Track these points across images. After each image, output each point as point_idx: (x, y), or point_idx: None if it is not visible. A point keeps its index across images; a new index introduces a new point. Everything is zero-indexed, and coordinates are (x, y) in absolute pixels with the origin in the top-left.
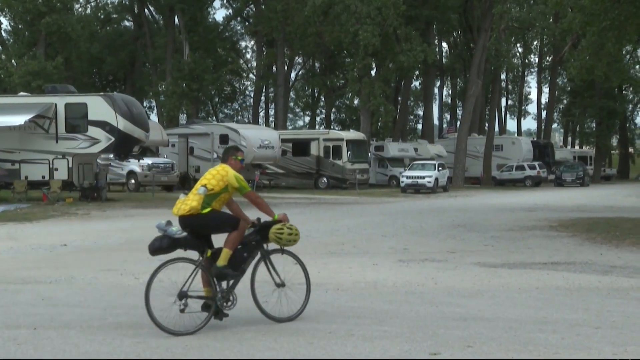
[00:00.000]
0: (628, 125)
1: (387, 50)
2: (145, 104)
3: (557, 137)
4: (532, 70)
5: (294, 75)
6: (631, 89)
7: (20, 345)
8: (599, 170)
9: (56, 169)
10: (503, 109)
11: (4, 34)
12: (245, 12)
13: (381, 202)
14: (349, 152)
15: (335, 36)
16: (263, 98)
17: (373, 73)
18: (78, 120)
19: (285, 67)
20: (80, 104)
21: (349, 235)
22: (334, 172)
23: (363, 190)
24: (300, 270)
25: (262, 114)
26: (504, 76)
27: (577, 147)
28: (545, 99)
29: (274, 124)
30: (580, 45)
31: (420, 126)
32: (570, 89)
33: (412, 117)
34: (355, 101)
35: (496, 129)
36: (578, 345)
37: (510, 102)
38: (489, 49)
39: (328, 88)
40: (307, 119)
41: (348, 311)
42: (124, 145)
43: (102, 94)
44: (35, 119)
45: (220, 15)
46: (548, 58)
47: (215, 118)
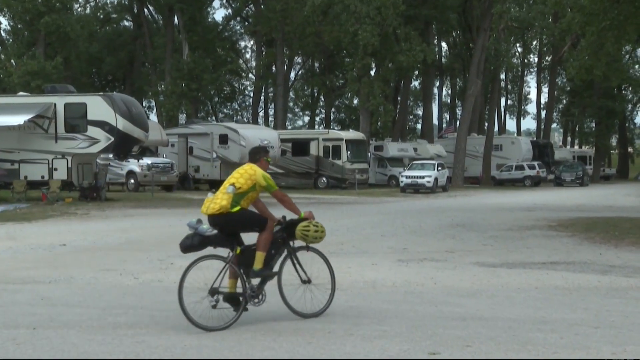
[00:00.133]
0: (627, 125)
1: (387, 50)
2: (144, 104)
3: (557, 137)
4: (532, 70)
5: (293, 75)
6: (630, 89)
7: (19, 345)
8: (598, 170)
9: (55, 169)
10: (502, 109)
11: (3, 33)
12: (245, 12)
13: (380, 202)
14: (349, 152)
15: (335, 36)
16: (262, 98)
17: (372, 73)
18: (77, 120)
19: (285, 67)
20: (79, 104)
21: (348, 235)
22: (333, 172)
23: (362, 190)
24: (325, 268)
25: (262, 113)
26: (503, 76)
27: (577, 147)
28: (544, 98)
29: (273, 124)
30: (580, 45)
31: (419, 126)
32: (569, 88)
33: (412, 117)
34: (355, 101)
35: (495, 128)
36: (577, 345)
37: (509, 102)
38: (489, 49)
39: (327, 88)
40: (307, 119)
41: (347, 311)
42: (123, 145)
43: (102, 93)
44: (34, 118)
45: (219, 15)
46: (547, 58)
47: (214, 118)
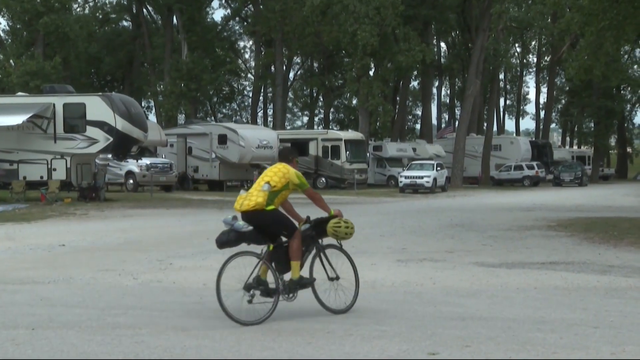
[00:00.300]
0: (626, 125)
1: (386, 50)
2: (143, 104)
3: (556, 137)
4: (531, 70)
5: (292, 75)
6: (629, 89)
7: (18, 346)
8: (597, 170)
9: (54, 169)
10: (501, 109)
11: (2, 33)
12: (244, 12)
13: (379, 202)
14: (348, 152)
15: (334, 36)
16: (261, 98)
17: (371, 73)
18: (76, 120)
19: (284, 67)
20: (78, 104)
21: None
22: (332, 172)
23: (361, 190)
24: (348, 265)
25: (261, 113)
26: (502, 76)
27: (576, 147)
28: (543, 98)
29: (272, 124)
30: (579, 45)
31: (418, 126)
32: (568, 88)
33: (411, 117)
34: (354, 101)
35: (494, 128)
36: (576, 345)
37: (508, 102)
38: (487, 49)
39: (326, 88)
40: (306, 119)
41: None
42: (122, 146)
43: (101, 94)
44: (33, 119)
45: (218, 15)
46: (546, 58)
47: (213, 118)
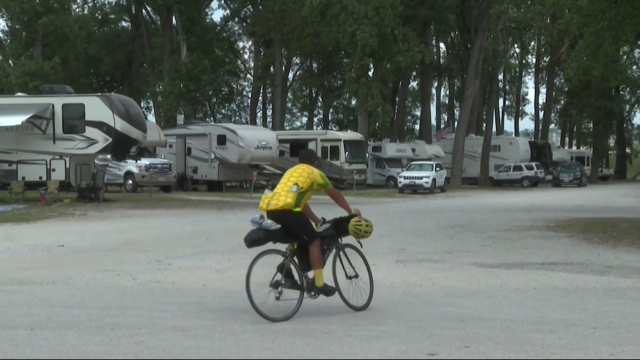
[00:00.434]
0: (625, 125)
1: (385, 51)
2: (142, 105)
3: (555, 138)
4: (530, 70)
5: (291, 75)
6: (628, 90)
7: (17, 346)
8: (596, 171)
9: (53, 170)
10: (500, 110)
11: (1, 34)
12: (243, 13)
13: (379, 203)
14: (347, 153)
15: (333, 36)
16: (260, 98)
17: (371, 73)
18: (75, 121)
19: (283, 68)
20: (77, 105)
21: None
22: (331, 173)
23: (361, 191)
24: (362, 263)
25: (260, 114)
26: (501, 77)
27: (575, 148)
28: (542, 99)
29: (271, 125)
30: (578, 46)
31: (417, 127)
32: (567, 89)
33: (410, 118)
34: (353, 101)
35: (493, 129)
36: (575, 346)
37: (507, 103)
38: (487, 50)
39: (325, 88)
40: (305, 120)
41: (345, 311)
42: (121, 146)
43: (100, 94)
44: (32, 119)
45: (217, 15)
46: (545, 58)
47: (212, 118)
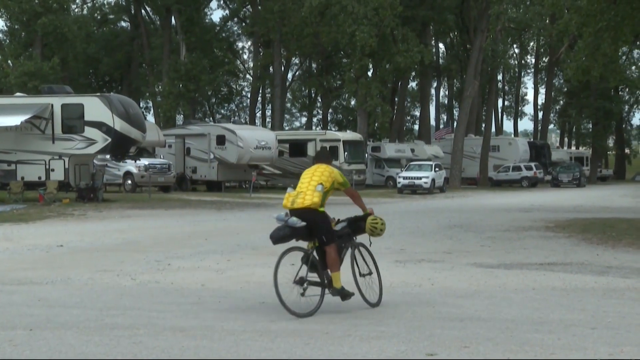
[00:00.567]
0: (624, 126)
1: (384, 51)
2: (141, 105)
3: (554, 138)
4: (529, 71)
5: (290, 75)
6: (627, 90)
7: (16, 346)
8: (595, 171)
9: (52, 170)
10: (500, 110)
11: (0, 34)
12: (242, 13)
13: (378, 203)
14: (346, 153)
15: (332, 37)
16: (260, 99)
17: (370, 74)
18: (74, 121)
19: (282, 68)
20: (76, 105)
21: None
22: None
23: (360, 191)
24: (371, 261)
25: (259, 114)
26: (500, 77)
27: (574, 148)
28: (541, 99)
29: (270, 125)
30: (577, 46)
31: (417, 127)
32: (566, 89)
33: (409, 118)
34: (352, 102)
35: (493, 129)
36: (574, 346)
37: (506, 103)
38: (486, 50)
39: (325, 89)
40: (304, 120)
41: (345, 311)
42: (120, 146)
43: (99, 94)
44: (31, 119)
45: (217, 16)
46: (544, 59)
47: (212, 119)
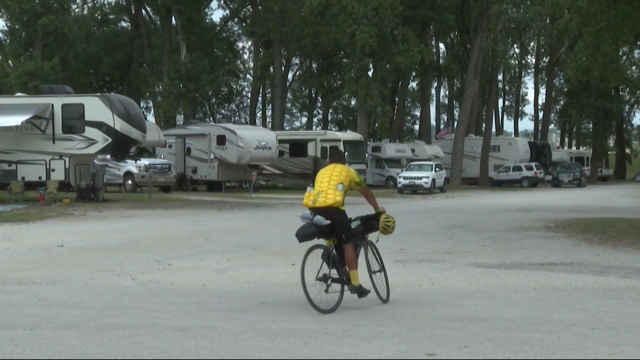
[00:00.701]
0: (625, 126)
1: (384, 51)
2: (142, 105)
3: (554, 138)
4: (529, 71)
5: (291, 75)
6: (628, 90)
7: (16, 346)
8: (596, 171)
9: (53, 170)
10: (500, 110)
11: (0, 34)
12: (242, 13)
13: (378, 203)
14: (346, 153)
15: (332, 37)
16: (260, 99)
17: (370, 74)
18: (75, 121)
19: (282, 68)
20: (77, 105)
21: None
22: None
23: None
24: (380, 259)
25: (259, 114)
26: (500, 77)
27: (574, 148)
28: (542, 99)
29: (271, 125)
30: (577, 46)
31: (417, 127)
32: (567, 89)
33: (409, 118)
34: (352, 102)
35: (493, 129)
36: (574, 346)
37: (507, 103)
38: (486, 50)
39: (325, 89)
40: (304, 120)
41: (345, 311)
42: (121, 146)
43: (99, 94)
44: (32, 119)
45: (217, 16)
46: (545, 59)
47: (212, 119)
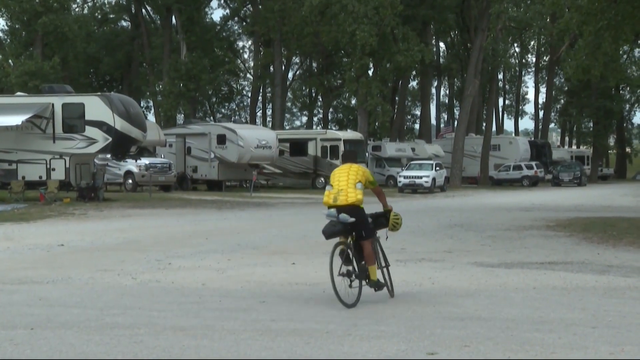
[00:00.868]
0: (625, 124)
1: (385, 50)
2: (142, 104)
3: (555, 137)
4: (529, 70)
5: (291, 75)
6: (628, 89)
7: (17, 346)
8: (596, 170)
9: (53, 169)
10: (500, 109)
11: (0, 34)
12: (243, 12)
13: (378, 202)
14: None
15: (333, 36)
16: (260, 98)
17: (370, 73)
18: (75, 120)
19: (283, 67)
20: (77, 104)
21: None
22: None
23: None
24: (383, 255)
25: (260, 114)
26: (501, 76)
27: (574, 147)
28: (542, 98)
29: (271, 124)
30: (577, 45)
31: (417, 126)
32: (567, 88)
33: (410, 117)
34: (353, 101)
35: (493, 128)
36: (575, 345)
37: (507, 102)
38: (486, 49)
39: (325, 88)
40: (305, 119)
41: (345, 311)
42: (121, 145)
43: (100, 94)
44: (32, 119)
45: (217, 15)
46: (545, 58)
47: (212, 118)
